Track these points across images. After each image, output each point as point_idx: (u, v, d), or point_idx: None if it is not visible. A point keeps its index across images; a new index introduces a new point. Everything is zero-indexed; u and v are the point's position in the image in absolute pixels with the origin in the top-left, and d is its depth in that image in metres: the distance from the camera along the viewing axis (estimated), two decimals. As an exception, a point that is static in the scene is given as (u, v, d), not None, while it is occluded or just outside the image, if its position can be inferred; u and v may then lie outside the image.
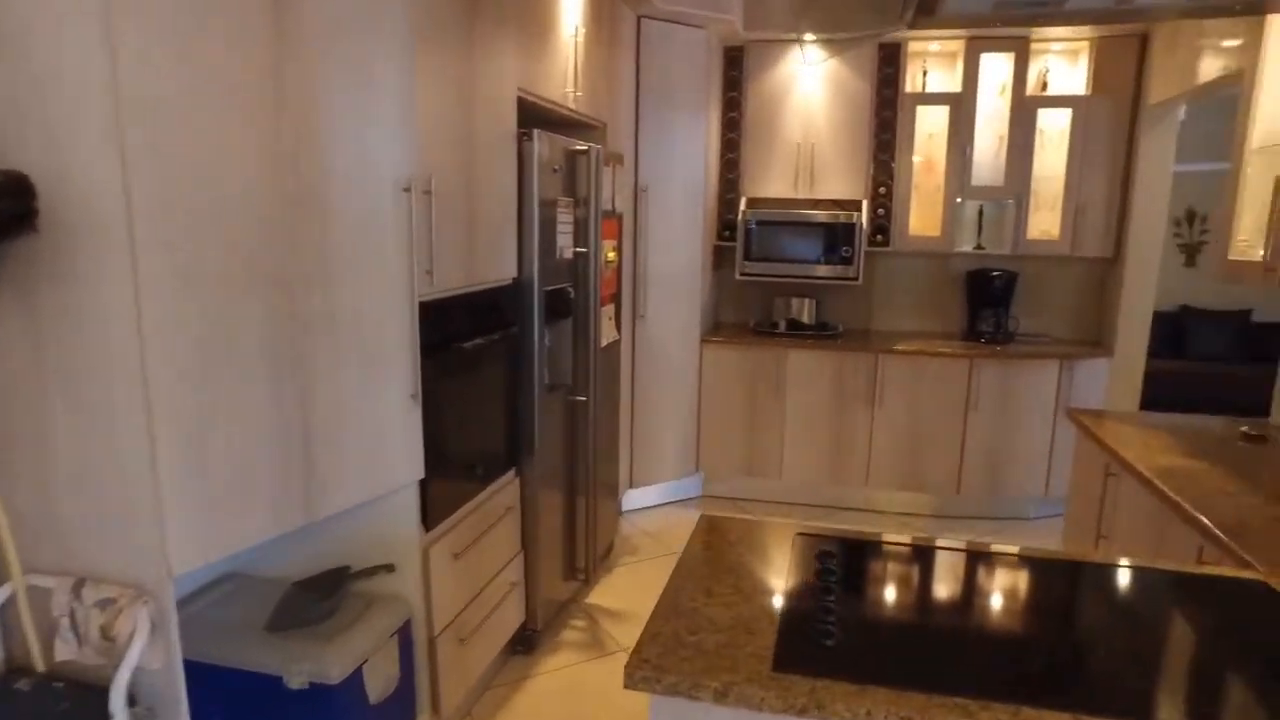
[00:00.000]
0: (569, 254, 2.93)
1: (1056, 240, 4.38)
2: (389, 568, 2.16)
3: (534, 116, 3.08)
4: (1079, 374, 4.26)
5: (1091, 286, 4.66)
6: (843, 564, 1.53)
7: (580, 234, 3.00)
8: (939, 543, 1.68)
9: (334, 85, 1.75)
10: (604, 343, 3.36)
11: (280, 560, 2.20)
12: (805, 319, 4.62)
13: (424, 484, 2.17)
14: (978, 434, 4.28)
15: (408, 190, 1.94)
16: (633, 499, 4.46)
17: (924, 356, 4.23)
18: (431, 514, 2.23)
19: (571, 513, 3.21)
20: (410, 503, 2.15)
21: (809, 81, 4.44)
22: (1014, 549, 1.66)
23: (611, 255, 3.34)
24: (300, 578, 2.13)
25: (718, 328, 4.77)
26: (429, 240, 2.07)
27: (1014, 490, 4.35)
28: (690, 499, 4.68)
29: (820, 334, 4.54)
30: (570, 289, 2.96)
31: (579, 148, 2.95)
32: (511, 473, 2.79)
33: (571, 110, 3.15)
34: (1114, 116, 4.26)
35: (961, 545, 1.68)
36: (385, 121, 1.87)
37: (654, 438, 4.37)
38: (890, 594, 1.44)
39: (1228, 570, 1.61)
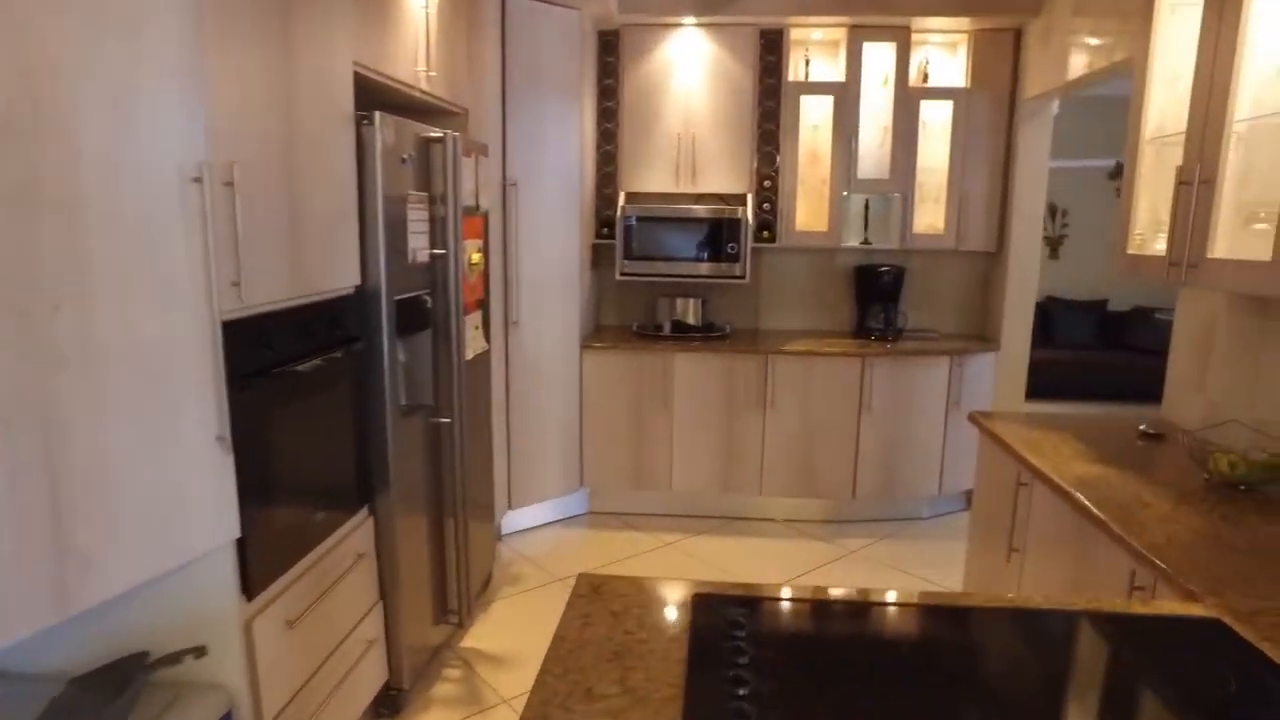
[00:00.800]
0: (424, 257, 2.55)
1: (942, 234, 4.30)
2: (199, 650, 1.74)
3: (380, 99, 2.68)
4: (968, 369, 4.19)
5: (976, 280, 4.62)
6: (753, 635, 1.25)
7: (437, 234, 2.62)
8: (864, 595, 1.42)
9: (82, 38, 1.33)
10: (471, 355, 2.99)
11: (54, 651, 1.75)
12: (691, 320, 4.38)
13: (242, 543, 1.76)
14: (872, 435, 4.15)
15: (199, 181, 1.54)
16: (513, 521, 4.10)
17: (815, 357, 4.06)
18: (254, 578, 1.82)
19: (440, 548, 2.84)
20: (224, 569, 1.74)
21: (689, 69, 4.20)
22: (946, 597, 1.43)
23: (476, 257, 2.98)
24: (81, 672, 1.69)
25: (599, 332, 4.46)
26: (234, 245, 1.67)
27: (908, 491, 4.25)
28: (576, 516, 4.36)
29: (707, 335, 4.31)
30: (427, 296, 2.59)
31: (433, 135, 2.57)
32: (364, 512, 2.40)
33: (425, 93, 2.77)
34: (993, 110, 4.22)
35: (888, 597, 1.42)
36: (162, 90, 1.46)
37: (534, 454, 4.03)
38: (816, 666, 1.16)
39: (1174, 606, 1.43)
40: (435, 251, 2.60)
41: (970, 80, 4.19)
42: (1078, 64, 3.59)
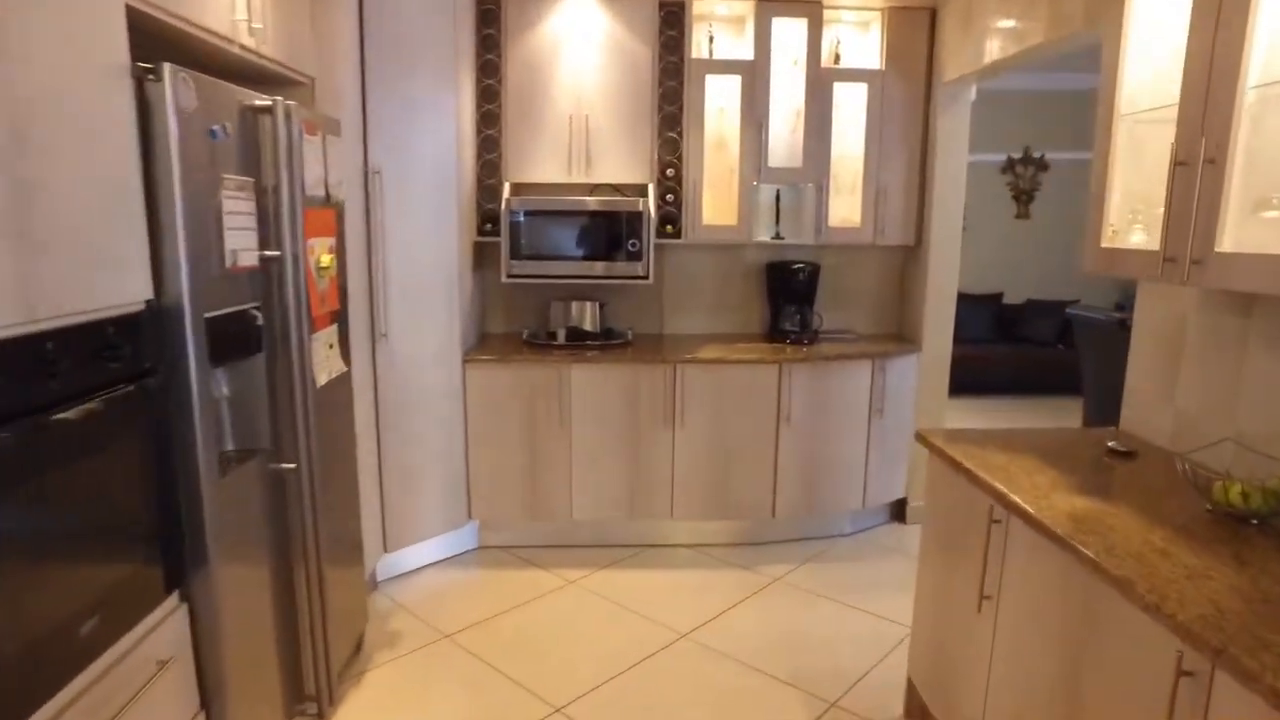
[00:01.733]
0: (250, 260, 1.97)
1: (858, 228, 3.98)
2: None
3: (185, 56, 2.08)
4: (890, 372, 3.89)
5: (893, 277, 4.33)
6: None
7: (270, 230, 2.05)
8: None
9: None
10: (324, 380, 2.42)
11: None
12: (588, 326, 3.90)
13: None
14: (792, 449, 3.78)
15: None
16: (392, 564, 3.53)
17: (728, 365, 3.66)
18: (-27, 737, 1.24)
19: (291, 621, 2.26)
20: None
21: (581, 44, 3.71)
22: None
23: (327, 260, 2.41)
24: None
25: (484, 343, 3.93)
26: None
27: (831, 507, 3.91)
28: (465, 553, 3.81)
29: (607, 343, 3.84)
30: (257, 311, 2.01)
31: (259, 102, 2.00)
32: (172, 600, 1.81)
33: (248, 50, 2.18)
34: (909, 94, 3.92)
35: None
36: None
37: (412, 487, 3.46)
38: None
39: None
40: (267, 253, 2.03)
41: (885, 62, 3.88)
42: (1000, 45, 3.32)
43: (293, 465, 2.16)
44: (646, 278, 3.74)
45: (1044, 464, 2.13)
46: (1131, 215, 2.07)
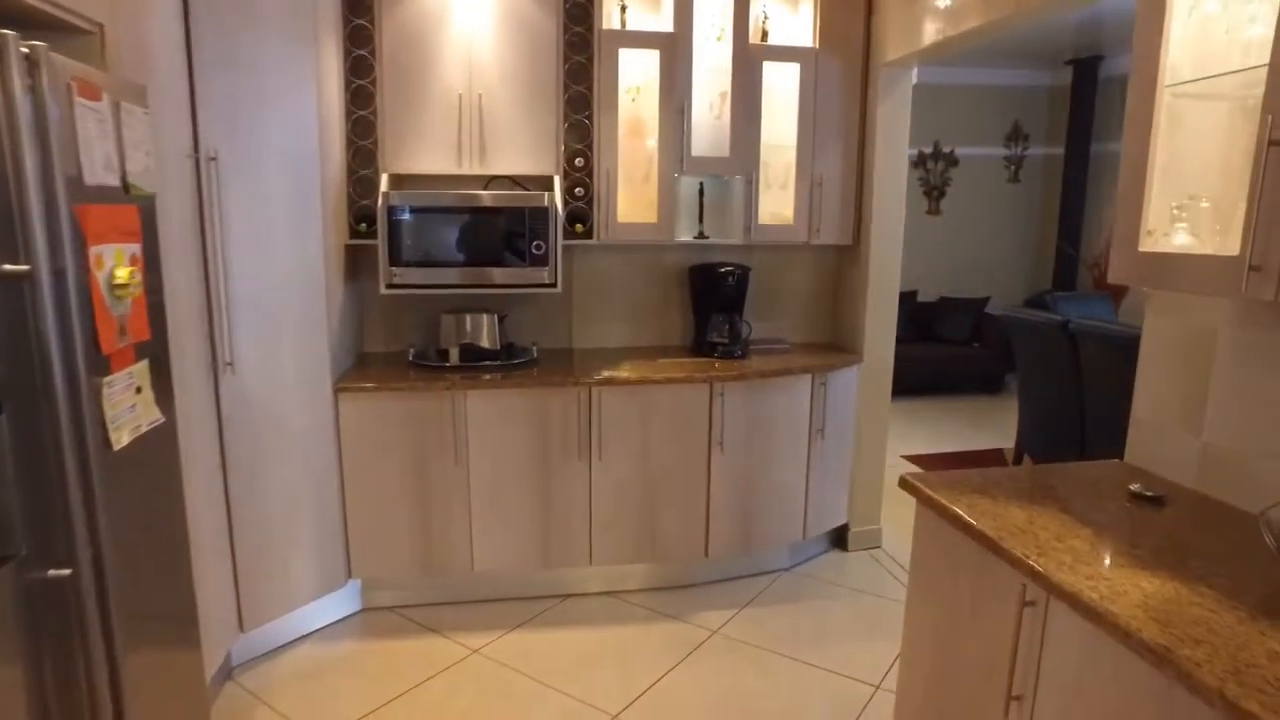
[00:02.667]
0: (-21, 280, 1.33)
1: (791, 225, 3.54)
2: None
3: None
4: (831, 386, 3.47)
5: (828, 279, 3.92)
6: None
7: (12, 233, 1.41)
8: None
9: None
10: (127, 438, 1.77)
11: None
12: (486, 343, 3.32)
13: None
14: (726, 478, 3.31)
15: None
16: (251, 645, 2.86)
17: (652, 386, 3.15)
18: None
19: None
20: None
21: (473, 10, 3.12)
22: None
23: (125, 274, 1.76)
24: None
25: (362, 366, 3.29)
26: None
27: (769, 540, 3.46)
28: (347, 619, 3.17)
29: (509, 363, 3.28)
30: (-6, 356, 1.37)
31: (-9, 47, 1.35)
32: None
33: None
34: (845, 76, 3.51)
35: None
36: None
37: (273, 549, 2.81)
38: None
39: None
40: (9, 267, 1.38)
41: (818, 39, 3.45)
42: (948, 22, 2.95)
43: (67, 571, 1.51)
44: (554, 285, 3.19)
45: (1069, 519, 1.71)
46: (1168, 215, 1.66)
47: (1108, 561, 1.50)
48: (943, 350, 7.21)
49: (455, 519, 3.11)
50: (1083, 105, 6.98)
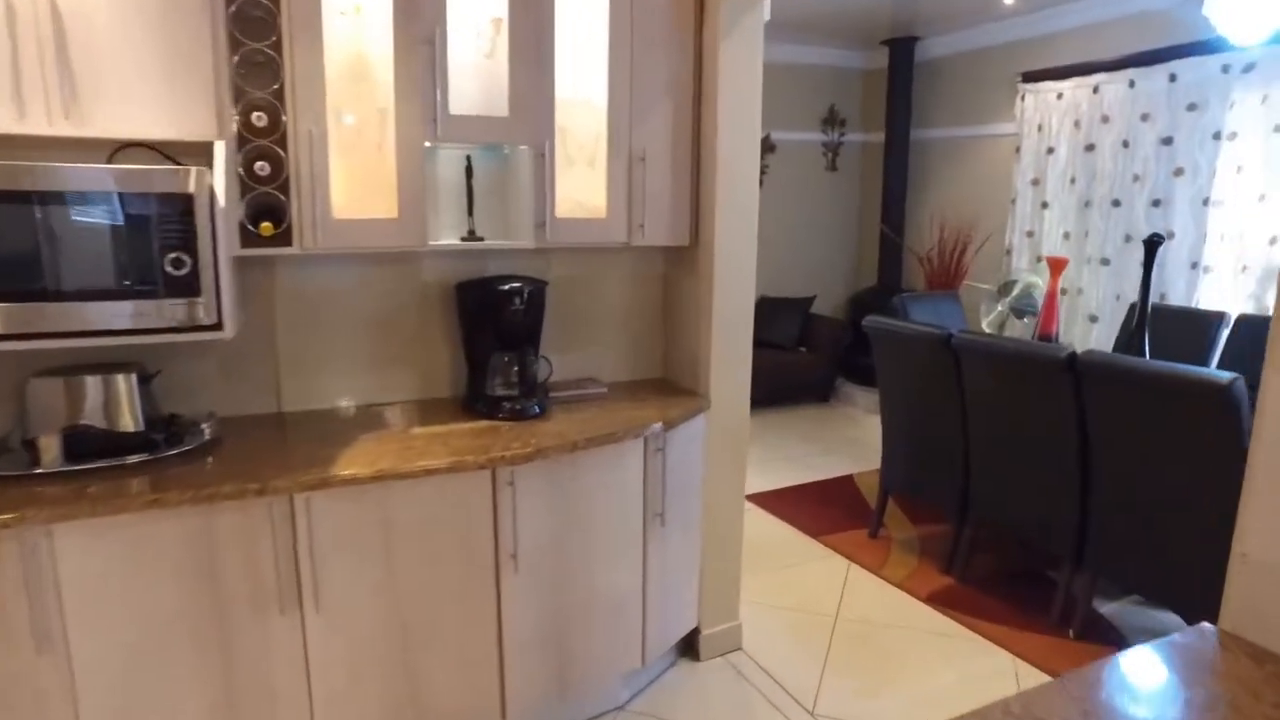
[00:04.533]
0: None
1: (603, 220, 2.45)
2: None
3: None
4: (672, 447, 2.42)
5: (656, 294, 2.87)
6: None
7: None
8: None
9: None
10: None
11: None
12: (119, 422, 1.97)
13: None
14: (525, 604, 2.17)
15: None
16: None
17: (398, 484, 1.96)
18: None
19: None
20: None
21: None
22: None
23: None
24: None
25: None
26: None
27: (596, 675, 2.37)
28: None
29: (158, 457, 1.96)
30: None
31: None
32: None
33: None
34: (674, 5, 2.46)
35: None
36: None
37: None
38: None
39: None
40: None
41: (629, -52, 2.38)
42: None
43: None
44: (218, 325, 1.89)
45: None
46: None
47: None
48: (769, 356, 6.45)
49: (52, 711, 1.76)
50: (900, 89, 6.47)
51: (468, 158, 2.39)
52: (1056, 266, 3.85)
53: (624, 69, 2.38)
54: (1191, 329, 4.03)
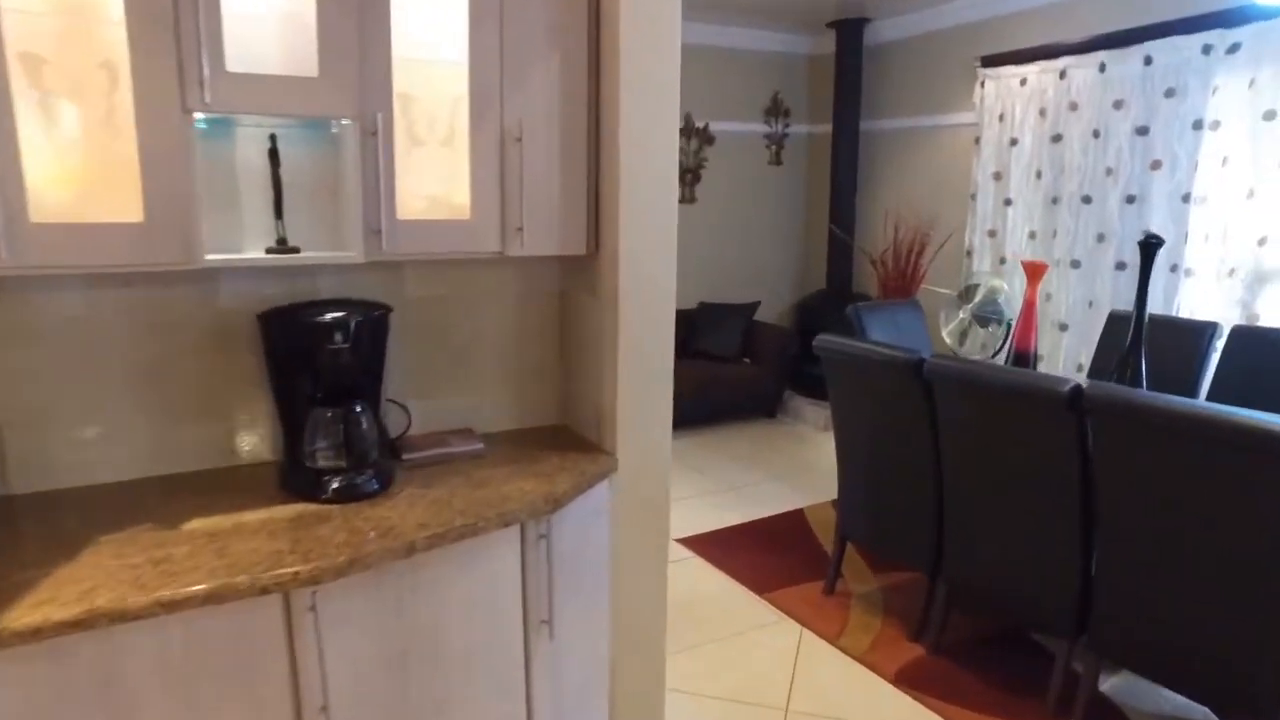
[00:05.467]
0: None
1: (466, 221, 1.79)
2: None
3: None
4: (563, 531, 1.78)
5: (550, 317, 2.22)
6: None
7: None
8: None
9: None
10: None
11: None
12: None
13: None
14: (341, 788, 1.51)
15: None
16: None
17: (123, 627, 1.28)
18: None
19: None
20: None
21: None
22: None
23: None
24: None
25: None
26: None
27: None
28: None
29: None
30: None
31: None
32: None
33: None
34: (552, -73, 1.81)
35: None
36: None
37: None
38: None
39: None
40: None
41: None
42: None
43: None
44: None
45: None
46: None
47: None
48: (708, 369, 5.86)
49: None
50: (848, 75, 5.94)
51: (271, 137, 1.71)
52: (1034, 273, 3.31)
53: (491, 11, 1.74)
54: (1177, 341, 3.53)
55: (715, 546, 3.73)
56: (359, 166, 1.65)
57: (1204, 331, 3.50)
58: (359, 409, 1.72)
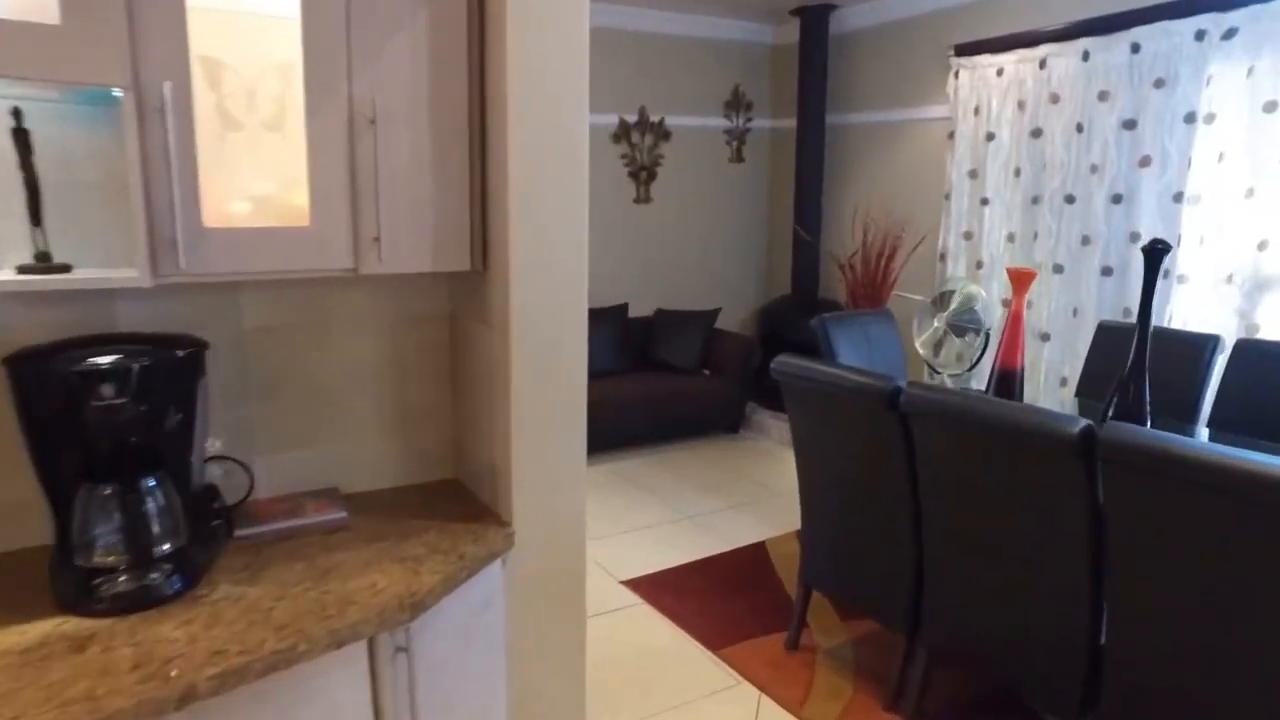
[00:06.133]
0: None
1: (307, 228, 1.35)
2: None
3: None
4: (428, 645, 1.34)
5: (429, 349, 1.78)
6: None
7: None
8: None
9: None
10: None
11: None
12: None
13: None
14: None
15: None
16: None
17: None
18: None
19: None
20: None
21: None
22: None
23: None
24: None
25: None
26: None
27: None
28: None
29: None
30: None
31: None
32: None
33: None
34: None
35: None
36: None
37: None
38: None
39: None
40: None
41: None
42: None
43: None
44: None
45: None
46: None
47: None
48: (665, 381, 5.43)
49: None
50: (813, 66, 5.55)
51: (14, 113, 1.25)
52: (1021, 281, 2.93)
53: (325, -48, 1.29)
54: (1175, 355, 3.17)
55: (665, 591, 3.30)
56: (139, 155, 1.20)
57: (1204, 345, 3.15)
58: (150, 484, 1.27)
